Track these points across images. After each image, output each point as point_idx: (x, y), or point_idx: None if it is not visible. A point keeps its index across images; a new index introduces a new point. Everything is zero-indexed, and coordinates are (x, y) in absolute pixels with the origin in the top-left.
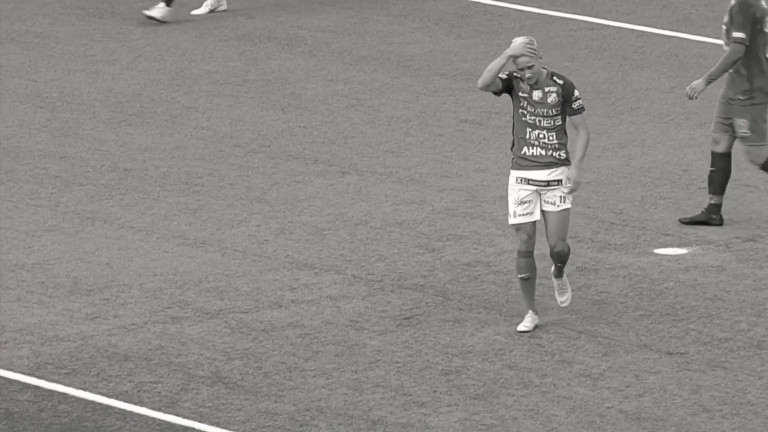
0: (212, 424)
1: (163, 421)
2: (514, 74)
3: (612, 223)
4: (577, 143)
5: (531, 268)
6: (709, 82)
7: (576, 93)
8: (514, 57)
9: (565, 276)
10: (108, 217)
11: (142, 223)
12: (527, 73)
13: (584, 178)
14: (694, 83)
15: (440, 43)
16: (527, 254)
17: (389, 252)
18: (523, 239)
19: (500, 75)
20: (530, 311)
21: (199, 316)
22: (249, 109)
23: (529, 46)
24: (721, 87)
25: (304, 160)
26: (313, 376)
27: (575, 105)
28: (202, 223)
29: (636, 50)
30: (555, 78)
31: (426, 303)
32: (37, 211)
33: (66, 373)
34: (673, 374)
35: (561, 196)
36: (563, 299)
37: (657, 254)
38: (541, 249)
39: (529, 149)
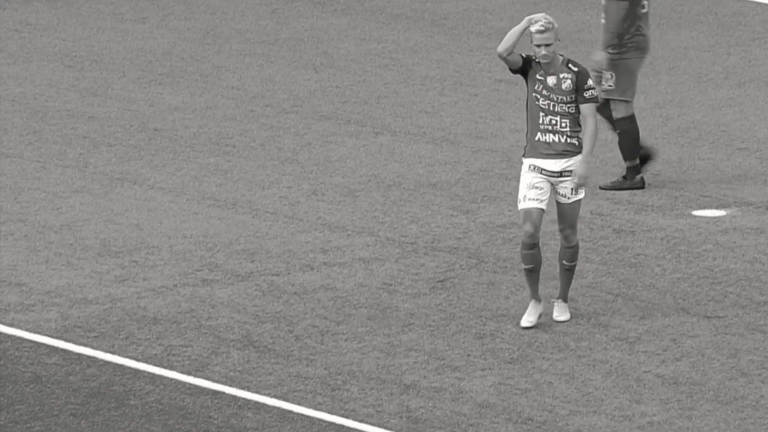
0: (242, 388)
1: (193, 385)
2: (534, 57)
3: (649, 185)
4: (584, 135)
5: (536, 259)
6: (606, 47)
7: (590, 82)
8: (532, 32)
9: (566, 304)
10: (137, 178)
11: (172, 184)
12: (543, 50)
13: (593, 171)
14: (597, 56)
15: (475, 1)
16: (532, 246)
17: (423, 214)
18: (528, 232)
19: (521, 53)
20: (533, 300)
21: (229, 278)
22: (280, 68)
23: (548, 20)
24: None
25: (336, 120)
26: (345, 340)
27: (587, 94)
28: (233, 184)
29: (674, 9)
30: (570, 65)
31: (460, 266)
32: (66, 172)
33: (94, 337)
34: (711, 338)
35: (572, 188)
36: (562, 319)
37: (695, 216)
38: (546, 245)
39: (543, 135)
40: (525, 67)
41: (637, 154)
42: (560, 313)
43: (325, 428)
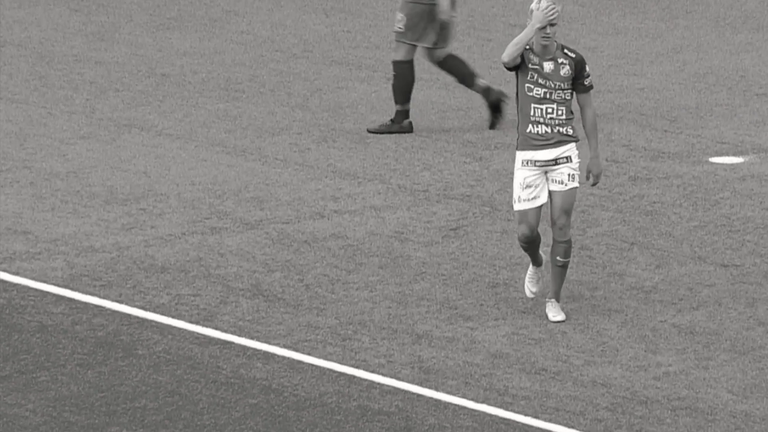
0: (252, 337)
1: (201, 334)
2: (526, 45)
3: (666, 131)
4: (586, 127)
5: (533, 245)
6: None
7: (587, 69)
8: (538, 11)
9: (559, 303)
10: (145, 124)
11: (180, 130)
12: (548, 29)
13: (602, 161)
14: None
15: None
16: (527, 244)
17: (435, 161)
18: (525, 234)
19: None
20: (531, 266)
21: (238, 226)
22: (291, 12)
23: (553, 12)
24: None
25: (347, 65)
26: (356, 289)
27: (586, 82)
28: (242, 130)
29: None
30: (566, 51)
31: (473, 213)
32: (72, 118)
33: (101, 285)
34: (728, 287)
35: (570, 174)
36: (558, 319)
37: (712, 163)
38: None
39: (534, 127)
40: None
41: (408, 99)
42: (556, 312)
43: (335, 378)
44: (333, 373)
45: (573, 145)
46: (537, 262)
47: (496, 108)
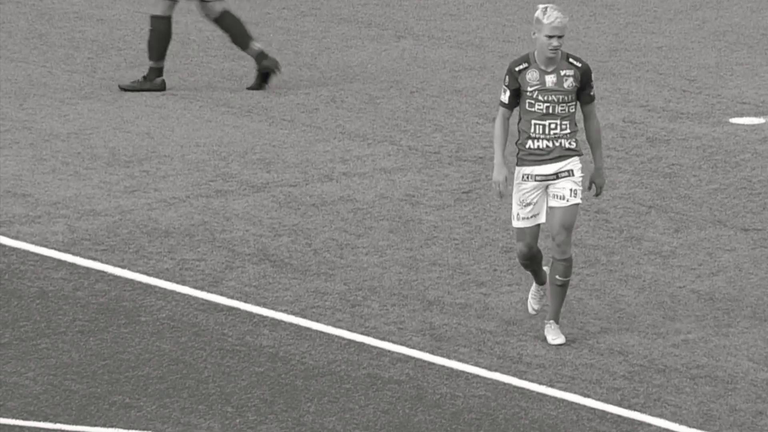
0: (258, 304)
1: (206, 300)
2: (516, 69)
3: (684, 91)
4: (590, 138)
5: (535, 263)
6: None
7: (593, 77)
8: (547, 22)
9: (558, 325)
10: None
11: (185, 90)
12: (555, 42)
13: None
14: None
15: None
16: (528, 260)
17: (447, 122)
18: (523, 251)
19: (504, 87)
20: (534, 285)
21: (244, 189)
22: None
23: (557, 41)
24: None
25: (356, 23)
26: (366, 254)
27: (592, 92)
28: (248, 90)
29: None
30: (572, 60)
31: (486, 176)
32: (73, 78)
33: (103, 250)
34: (748, 252)
35: (572, 189)
36: (557, 342)
37: (732, 124)
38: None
39: (534, 142)
40: (516, 94)
41: (162, 56)
42: (555, 335)
43: (344, 346)
44: (342, 341)
45: (576, 158)
46: (540, 280)
47: (265, 77)
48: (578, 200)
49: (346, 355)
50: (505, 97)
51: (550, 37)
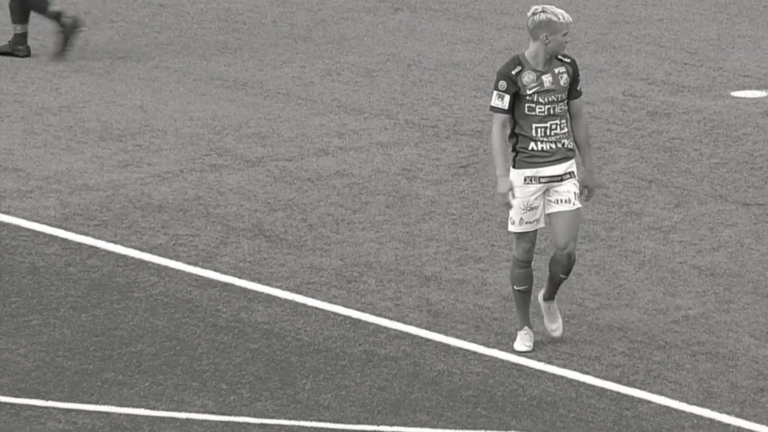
0: (253, 279)
1: (200, 276)
2: (512, 73)
3: (686, 64)
4: (580, 137)
5: (530, 278)
6: None
7: (579, 71)
8: (561, 21)
9: (556, 302)
10: (141, 56)
11: (178, 63)
12: (566, 40)
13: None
14: None
15: None
16: (527, 264)
17: (444, 95)
18: (525, 249)
19: (501, 92)
20: (526, 327)
21: (239, 163)
22: None
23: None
24: None
25: None
26: (362, 229)
27: (580, 87)
28: (243, 63)
29: None
30: (560, 57)
31: (484, 150)
32: (65, 50)
33: (96, 225)
34: (750, 227)
35: (575, 193)
36: (554, 327)
37: (734, 97)
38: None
39: (537, 145)
40: (514, 98)
41: (26, 19)
42: (552, 317)
43: (340, 322)
44: (338, 317)
45: (573, 160)
46: (527, 319)
47: (66, 39)
48: (580, 204)
49: (342, 332)
50: (503, 103)
51: (564, 34)
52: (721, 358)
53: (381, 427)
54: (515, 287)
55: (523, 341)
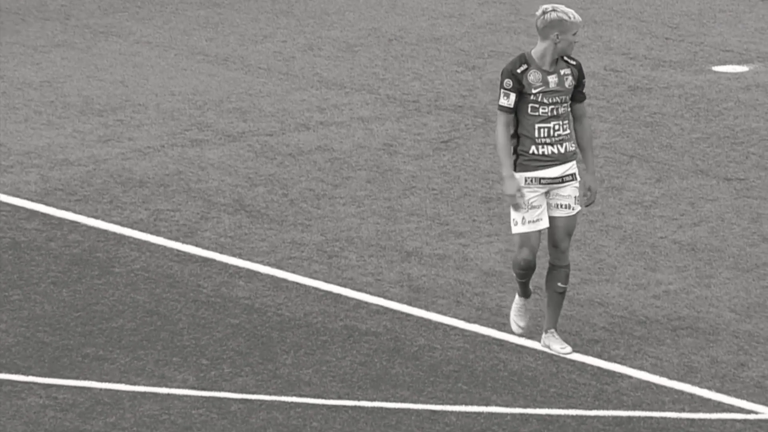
0: (234, 255)
1: (181, 251)
2: (517, 71)
3: (667, 39)
4: (583, 139)
5: (531, 271)
6: None
7: (584, 74)
8: (573, 21)
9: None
10: (122, 31)
11: (159, 38)
12: (577, 39)
13: None
14: None
15: None
16: (526, 272)
17: (426, 70)
18: (527, 259)
19: (507, 91)
20: (524, 299)
21: (220, 138)
22: None
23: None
24: None
25: None
26: (343, 204)
27: (584, 89)
28: (224, 38)
29: None
30: (566, 59)
31: (465, 125)
32: (46, 25)
33: (77, 200)
34: (731, 201)
35: (575, 197)
36: (562, 347)
37: (715, 72)
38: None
39: (539, 148)
40: (518, 93)
41: None
42: (562, 345)
43: (321, 297)
44: (318, 292)
45: (574, 161)
46: (527, 292)
47: None
48: (579, 207)
49: (323, 307)
50: (509, 101)
51: (574, 34)
52: (702, 332)
53: (362, 402)
54: (518, 279)
55: (516, 317)
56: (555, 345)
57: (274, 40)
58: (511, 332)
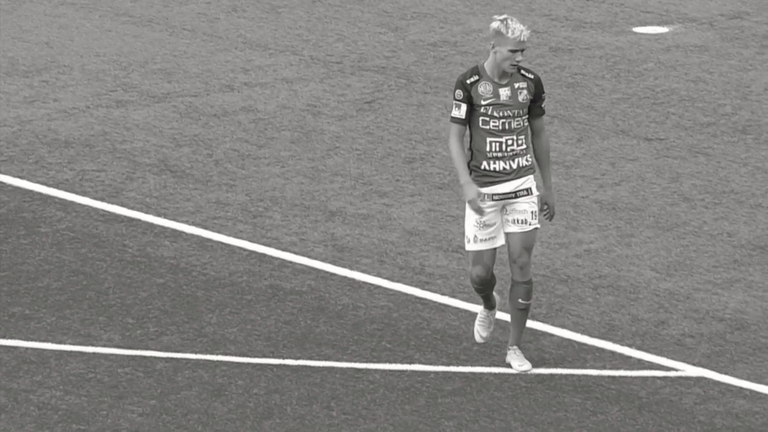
0: (159, 215)
1: (107, 211)
2: (467, 82)
3: (587, 0)
4: (541, 155)
5: (489, 287)
6: None
7: (544, 89)
8: (512, 36)
9: (520, 350)
10: None
11: None
12: (519, 56)
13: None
14: None
15: None
16: (484, 281)
17: (349, 31)
18: (479, 273)
19: (458, 101)
20: (484, 309)
21: (145, 99)
22: None
23: (521, 55)
24: None
25: None
26: (267, 164)
27: (543, 104)
28: None
29: None
30: (523, 72)
31: (388, 86)
32: None
33: (2, 161)
34: (651, 161)
35: (532, 212)
36: (520, 364)
37: (636, 33)
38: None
39: (490, 164)
40: (469, 106)
41: None
42: (521, 361)
43: (246, 257)
44: (243, 252)
45: (531, 176)
46: (490, 304)
47: None
48: (538, 224)
49: (248, 266)
50: (460, 112)
51: (514, 51)
52: (623, 291)
53: (286, 361)
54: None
55: (479, 327)
56: (514, 362)
57: (198, 2)
58: (435, 291)
